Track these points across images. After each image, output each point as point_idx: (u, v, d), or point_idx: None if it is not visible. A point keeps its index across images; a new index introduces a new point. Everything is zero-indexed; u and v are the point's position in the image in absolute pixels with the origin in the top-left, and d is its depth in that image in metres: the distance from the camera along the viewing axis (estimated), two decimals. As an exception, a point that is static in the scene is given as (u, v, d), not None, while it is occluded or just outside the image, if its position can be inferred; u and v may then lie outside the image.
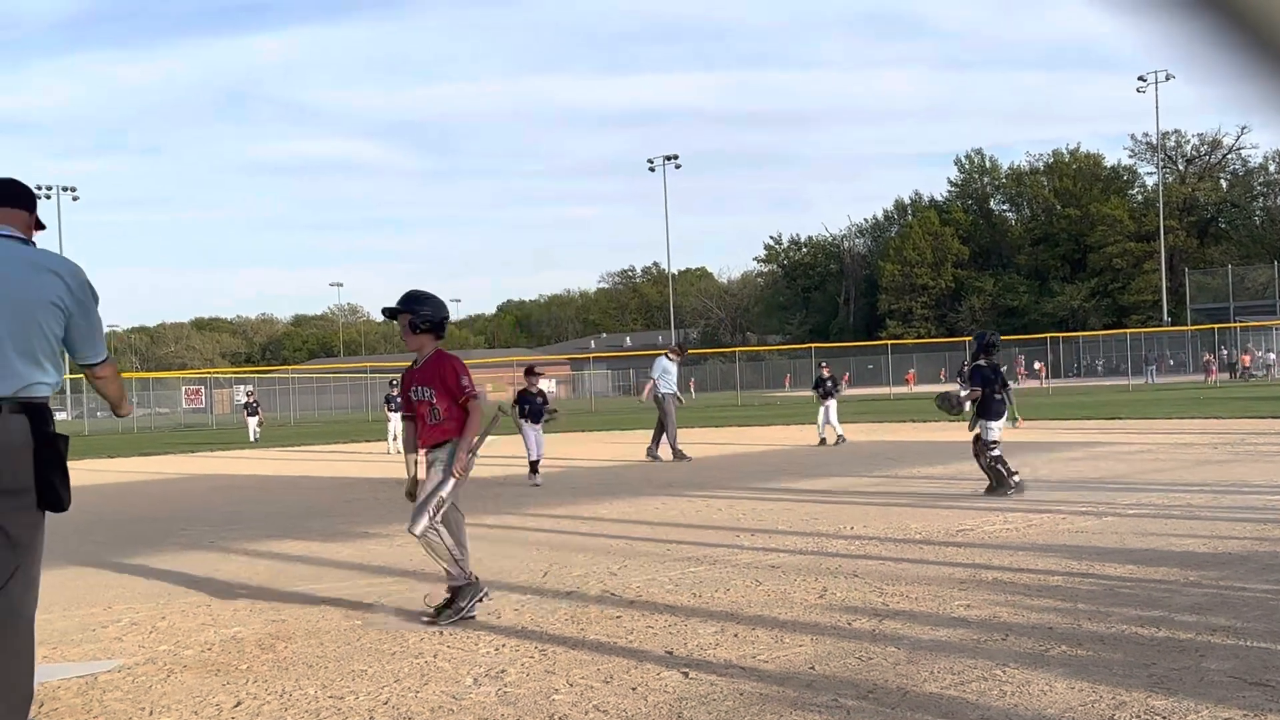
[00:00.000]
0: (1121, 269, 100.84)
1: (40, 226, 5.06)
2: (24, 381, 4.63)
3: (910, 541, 9.20)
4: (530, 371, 17.36)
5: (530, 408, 16.92)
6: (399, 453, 26.93)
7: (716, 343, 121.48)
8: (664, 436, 20.58)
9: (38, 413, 4.65)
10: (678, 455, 20.16)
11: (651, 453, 20.52)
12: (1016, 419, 13.37)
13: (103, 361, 4.88)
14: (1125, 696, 4.57)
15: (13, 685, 4.48)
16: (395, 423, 27.91)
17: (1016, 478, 12.23)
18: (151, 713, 4.94)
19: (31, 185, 5.19)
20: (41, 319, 4.65)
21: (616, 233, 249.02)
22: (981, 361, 12.80)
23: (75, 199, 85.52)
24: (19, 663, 4.50)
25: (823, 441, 23.14)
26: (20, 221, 4.90)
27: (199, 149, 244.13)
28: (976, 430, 12.58)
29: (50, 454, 4.63)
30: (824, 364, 24.92)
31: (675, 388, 20.95)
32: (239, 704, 5.02)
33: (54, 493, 4.61)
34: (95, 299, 4.81)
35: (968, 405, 12.81)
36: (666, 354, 21.20)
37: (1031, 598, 6.68)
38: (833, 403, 23.34)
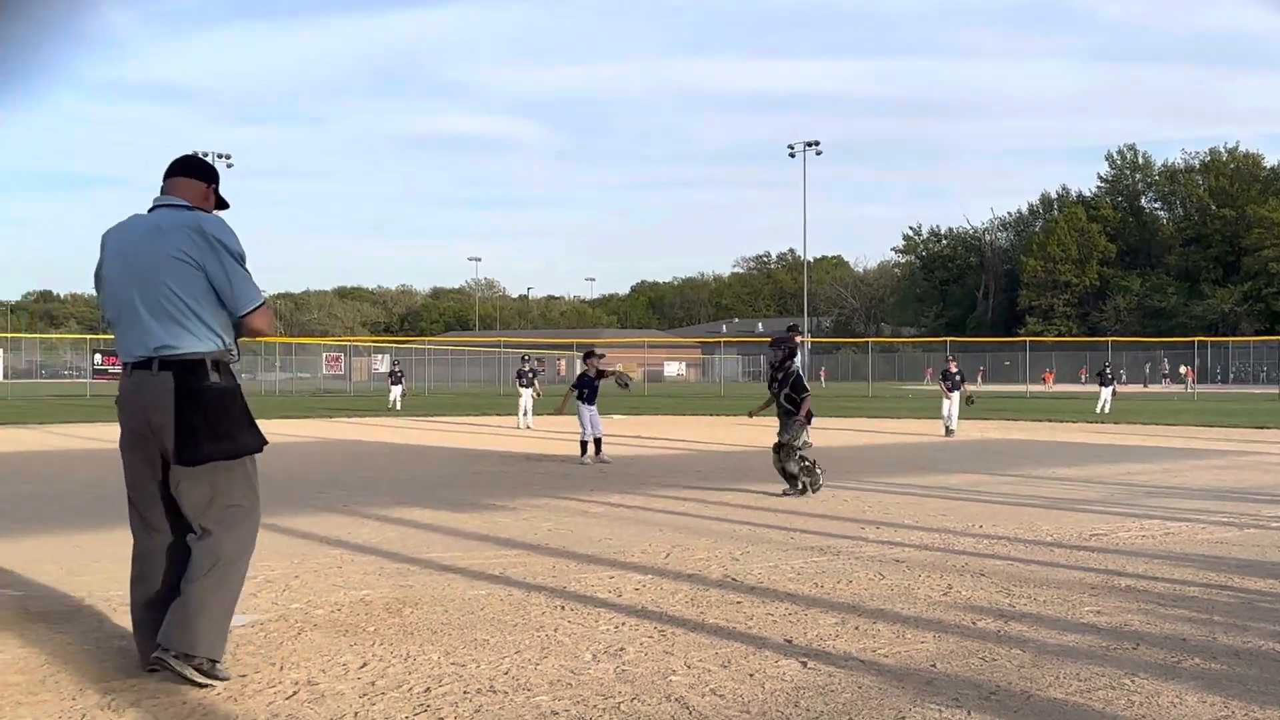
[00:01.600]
0: (1278, 273, 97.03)
1: (222, 204, 5.18)
2: (161, 341, 4.76)
3: (1040, 543, 9.01)
4: (590, 354, 18.18)
5: (589, 390, 17.54)
6: (529, 428, 27.33)
7: (850, 332, 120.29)
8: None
9: (185, 369, 4.76)
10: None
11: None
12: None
13: (253, 310, 4.89)
14: (1259, 714, 4.41)
15: (185, 618, 4.73)
16: (526, 398, 28.30)
17: (804, 482, 12.51)
18: (282, 668, 5.09)
19: (188, 153, 5.37)
20: (168, 278, 4.73)
21: (753, 218, 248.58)
22: (794, 366, 13.43)
23: (230, 165, 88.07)
24: (195, 605, 4.72)
25: (949, 432, 24.44)
26: (193, 192, 5.02)
27: (350, 122, 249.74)
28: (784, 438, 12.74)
29: (191, 409, 4.75)
30: (951, 358, 26.34)
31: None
32: (364, 665, 5.15)
33: (188, 446, 4.73)
34: (229, 249, 4.81)
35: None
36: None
37: (1165, 607, 6.50)
38: (956, 396, 24.92)
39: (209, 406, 4.80)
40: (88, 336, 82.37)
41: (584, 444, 17.36)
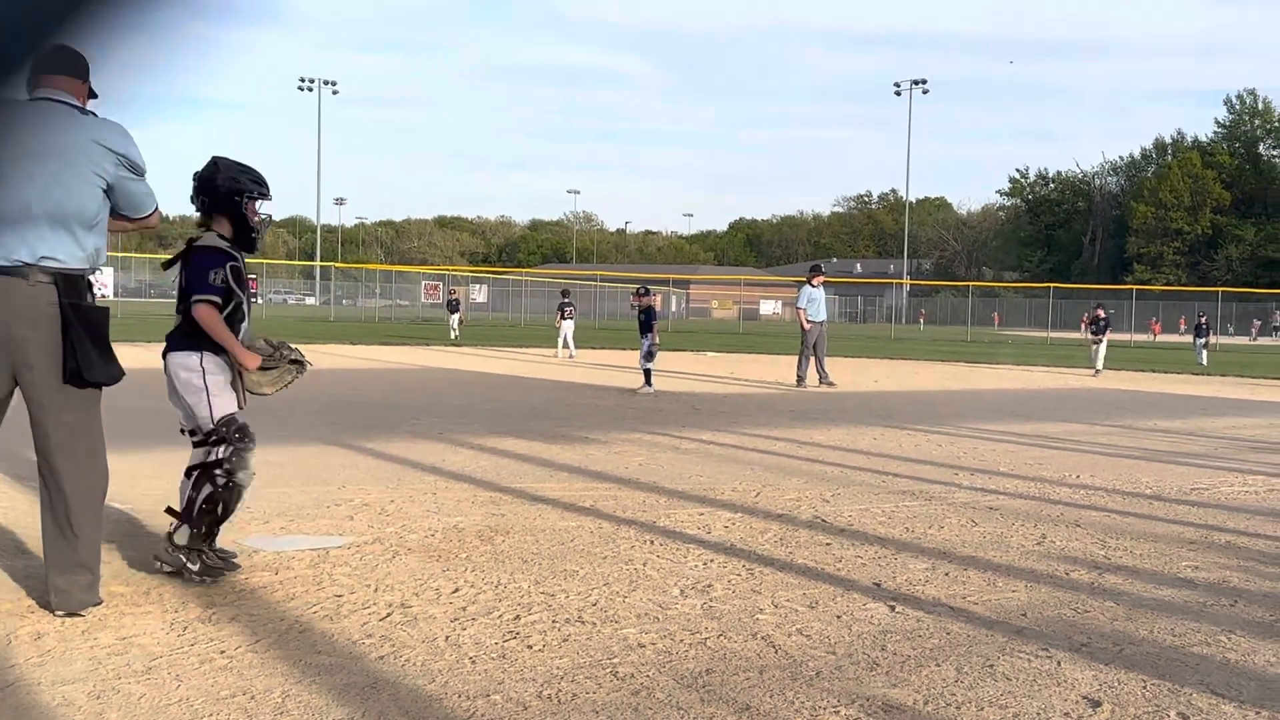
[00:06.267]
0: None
1: (93, 95, 4.71)
2: (49, 250, 4.40)
3: (1139, 495, 8.85)
4: (648, 291, 18.95)
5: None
6: (571, 357, 27.98)
7: (950, 275, 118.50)
8: (813, 359, 20.40)
9: (69, 283, 4.46)
10: (798, 380, 20.38)
11: (824, 379, 20.26)
12: None
13: (150, 214, 4.80)
14: (1362, 680, 4.31)
15: (59, 552, 4.54)
16: (567, 328, 29.09)
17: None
18: (376, 589, 5.20)
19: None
20: (79, 189, 4.43)
21: (855, 157, 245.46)
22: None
23: (335, 93, 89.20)
24: (73, 533, 4.53)
25: (1096, 373, 27.25)
26: (76, 90, 4.58)
27: (453, 51, 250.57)
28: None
29: (80, 325, 4.46)
30: (1099, 305, 29.30)
31: (824, 314, 20.70)
32: (456, 590, 5.24)
33: (86, 364, 4.45)
34: (137, 170, 4.62)
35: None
36: (809, 281, 20.93)
37: (1266, 565, 6.36)
38: (1104, 340, 27.95)
39: (94, 324, 4.54)
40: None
41: (647, 373, 18.02)
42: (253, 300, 5.63)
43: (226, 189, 5.33)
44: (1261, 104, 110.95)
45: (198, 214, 5.43)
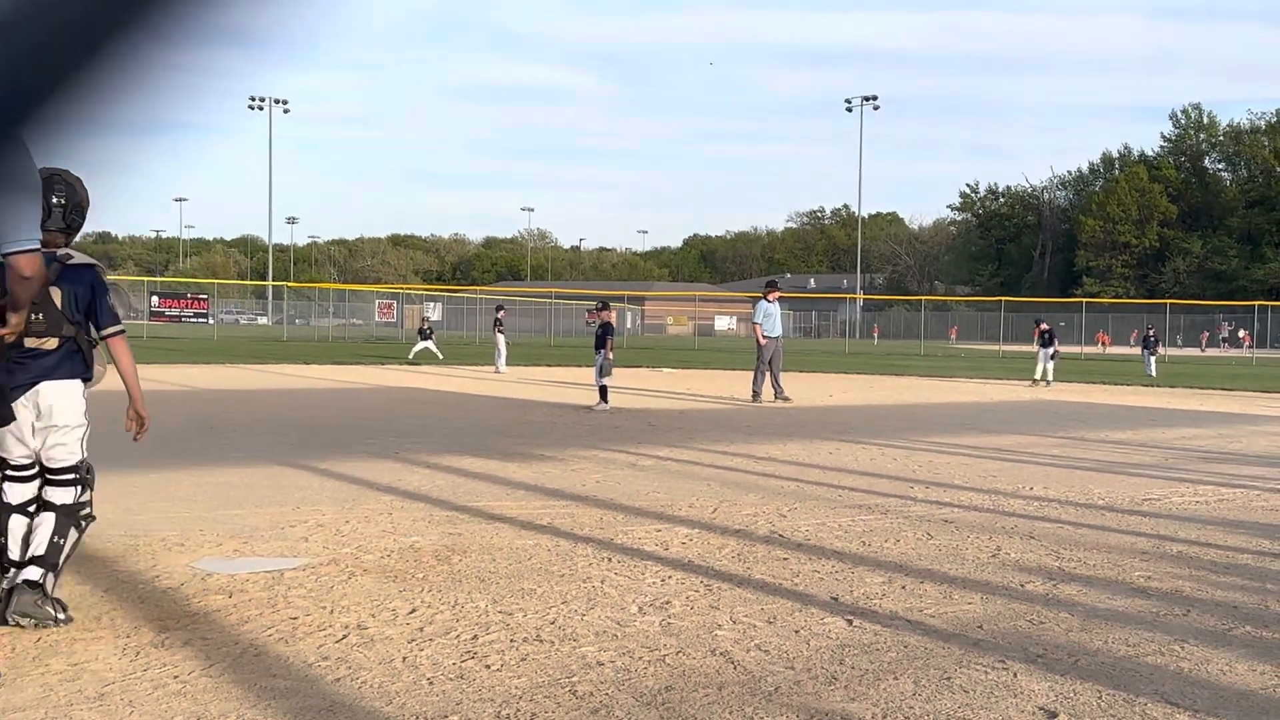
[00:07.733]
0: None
1: None
2: None
3: (1092, 506, 8.94)
4: (605, 306, 18.98)
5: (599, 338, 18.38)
6: (501, 372, 28.32)
7: (903, 290, 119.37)
8: (768, 375, 20.38)
9: None
10: (754, 395, 20.38)
11: (780, 394, 20.25)
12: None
13: None
14: (1312, 686, 4.36)
15: None
16: (501, 343, 29.70)
17: None
18: (332, 611, 5.16)
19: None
20: None
21: (808, 173, 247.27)
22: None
23: (286, 111, 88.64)
24: None
25: (1034, 383, 28.28)
26: None
27: (407, 70, 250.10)
28: None
29: None
30: (1040, 319, 30.76)
31: (779, 329, 20.68)
32: (413, 611, 5.21)
33: None
34: None
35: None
36: (765, 297, 20.87)
37: (1217, 574, 6.43)
38: (1046, 351, 29.03)
39: None
40: (145, 279, 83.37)
41: (603, 389, 17.99)
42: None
43: (86, 207, 4.98)
44: (1206, 118, 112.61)
45: (50, 231, 4.71)
